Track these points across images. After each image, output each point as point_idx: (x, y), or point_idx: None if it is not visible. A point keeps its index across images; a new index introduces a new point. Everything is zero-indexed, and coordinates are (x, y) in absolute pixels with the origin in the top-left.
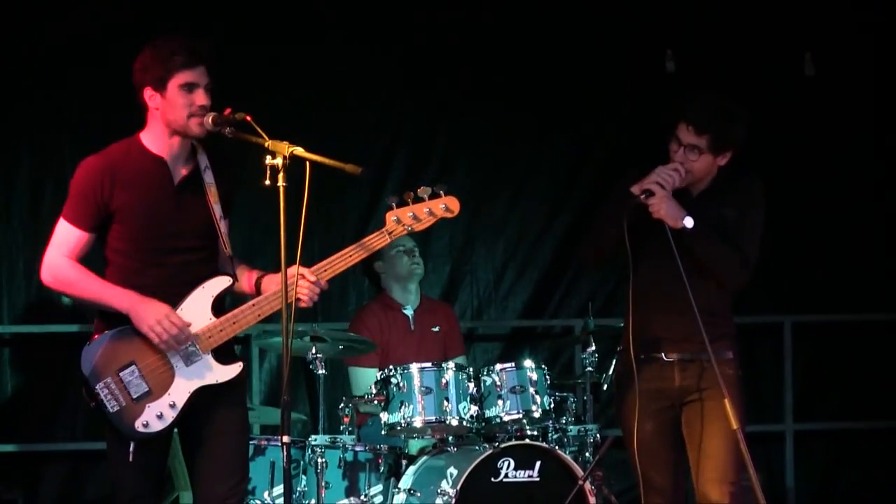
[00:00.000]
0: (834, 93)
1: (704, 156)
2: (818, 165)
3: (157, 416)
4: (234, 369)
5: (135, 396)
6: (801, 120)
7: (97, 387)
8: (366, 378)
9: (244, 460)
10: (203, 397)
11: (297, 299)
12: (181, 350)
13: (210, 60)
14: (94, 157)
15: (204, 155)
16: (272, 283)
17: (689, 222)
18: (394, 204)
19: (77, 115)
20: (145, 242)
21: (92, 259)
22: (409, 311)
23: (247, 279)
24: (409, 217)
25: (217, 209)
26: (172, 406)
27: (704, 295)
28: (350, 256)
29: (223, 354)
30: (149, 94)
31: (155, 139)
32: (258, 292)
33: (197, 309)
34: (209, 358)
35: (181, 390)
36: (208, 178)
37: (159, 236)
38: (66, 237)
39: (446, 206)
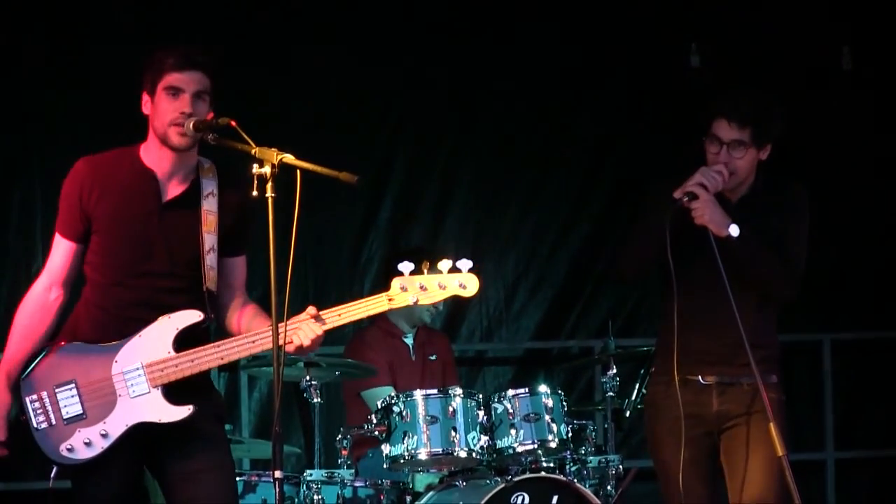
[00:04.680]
0: (874, 89)
1: (749, 151)
2: (857, 169)
3: (84, 442)
4: (182, 412)
5: (65, 417)
6: (838, 119)
7: (27, 399)
8: (385, 393)
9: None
10: (160, 437)
11: (289, 342)
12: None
13: (208, 68)
14: (84, 159)
15: (213, 181)
16: (254, 325)
17: (734, 230)
18: (406, 272)
19: (46, 132)
20: (116, 259)
21: None
22: (409, 340)
23: (236, 320)
24: (416, 287)
25: (209, 239)
26: (104, 436)
27: (748, 312)
28: (345, 314)
29: (174, 393)
30: (145, 101)
31: (150, 152)
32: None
33: (157, 338)
34: (157, 393)
35: (118, 422)
36: (209, 204)
37: (133, 255)
38: (55, 252)
39: (462, 283)
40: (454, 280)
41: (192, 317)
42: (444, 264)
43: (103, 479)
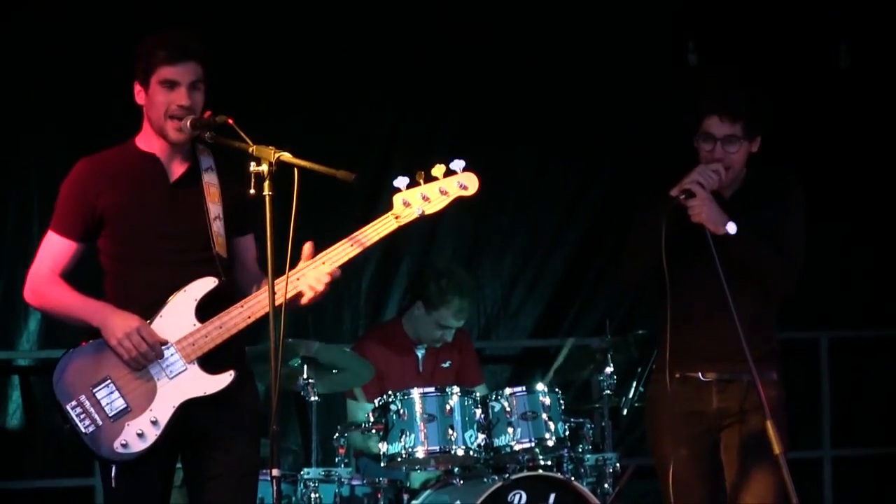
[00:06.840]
0: (871, 87)
1: (743, 145)
2: (855, 165)
3: (137, 434)
4: (224, 379)
5: (111, 414)
6: (835, 116)
7: (68, 406)
8: (363, 412)
9: None
10: (201, 423)
11: (299, 294)
12: (154, 365)
13: (201, 57)
14: (85, 159)
15: (209, 157)
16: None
17: (731, 227)
18: (403, 186)
19: (43, 131)
20: (137, 244)
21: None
22: (420, 352)
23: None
24: (418, 198)
25: (213, 209)
26: (154, 423)
27: (747, 308)
28: (352, 246)
29: (212, 363)
30: (137, 90)
31: (147, 139)
32: None
33: (178, 315)
34: (195, 368)
35: (164, 405)
36: (209, 177)
37: (153, 237)
38: (50, 249)
39: (462, 183)
40: (454, 182)
41: (206, 284)
42: (438, 169)
43: (149, 474)
